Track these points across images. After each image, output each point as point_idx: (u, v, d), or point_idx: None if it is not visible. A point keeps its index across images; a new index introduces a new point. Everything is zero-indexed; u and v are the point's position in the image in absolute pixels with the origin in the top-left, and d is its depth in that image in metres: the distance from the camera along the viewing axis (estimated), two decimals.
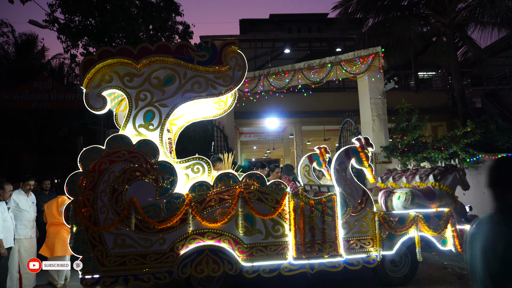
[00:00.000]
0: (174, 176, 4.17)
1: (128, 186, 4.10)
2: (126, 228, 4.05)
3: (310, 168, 6.40)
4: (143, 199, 4.11)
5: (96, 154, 4.13)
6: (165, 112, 4.34)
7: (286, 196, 4.34)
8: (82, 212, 4.01)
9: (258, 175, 4.35)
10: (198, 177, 4.31)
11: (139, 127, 4.30)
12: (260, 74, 9.27)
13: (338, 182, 4.54)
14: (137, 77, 4.35)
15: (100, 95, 4.26)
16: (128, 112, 4.30)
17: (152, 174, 4.14)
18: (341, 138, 10.37)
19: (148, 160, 4.16)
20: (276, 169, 5.84)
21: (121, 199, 4.07)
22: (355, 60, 8.51)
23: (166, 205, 4.12)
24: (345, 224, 4.46)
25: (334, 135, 19.07)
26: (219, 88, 4.45)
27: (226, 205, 4.22)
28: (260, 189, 4.31)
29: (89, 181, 4.07)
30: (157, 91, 4.36)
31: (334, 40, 17.34)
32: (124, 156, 4.15)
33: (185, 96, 4.38)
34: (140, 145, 4.18)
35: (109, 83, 4.30)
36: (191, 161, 4.33)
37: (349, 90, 17.19)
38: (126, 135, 4.19)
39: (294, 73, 8.83)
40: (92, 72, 4.24)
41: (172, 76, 4.40)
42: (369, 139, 4.76)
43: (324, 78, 8.72)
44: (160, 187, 4.14)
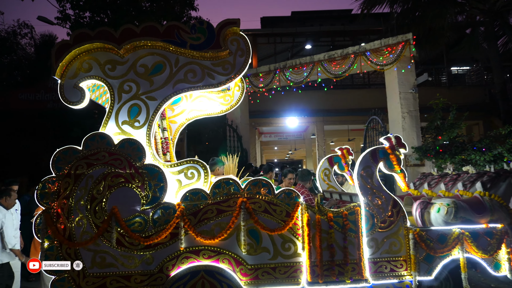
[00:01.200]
0: (163, 183, 3.48)
1: (109, 194, 3.45)
2: (106, 244, 3.40)
3: (330, 172, 5.57)
4: (126, 209, 3.44)
5: (72, 156, 3.50)
6: (153, 106, 3.66)
7: (298, 207, 3.56)
8: (55, 225, 3.39)
9: (264, 182, 3.60)
10: (192, 183, 3.61)
11: (123, 124, 3.64)
12: (275, 67, 8.51)
13: (362, 191, 3.72)
14: (120, 65, 3.70)
15: (78, 87, 3.64)
16: (110, 107, 3.65)
17: (137, 180, 3.47)
18: (366, 138, 9.45)
19: (133, 163, 3.49)
20: (289, 175, 5.05)
21: (101, 210, 3.43)
22: (382, 50, 7.59)
23: (153, 217, 3.44)
24: (371, 242, 3.63)
25: (359, 135, 18.04)
26: (218, 77, 3.73)
27: (226, 218, 3.49)
28: (267, 199, 3.56)
29: (63, 187, 3.45)
30: (144, 81, 3.69)
31: (358, 33, 16.28)
32: (104, 158, 3.50)
33: (177, 87, 3.69)
34: (123, 146, 3.52)
35: (87, 73, 3.66)
36: (184, 164, 3.63)
37: (375, 86, 16.13)
38: (106, 134, 3.55)
39: (313, 65, 8.01)
40: (67, 60, 3.62)
41: (162, 63, 3.71)
42: (401, 138, 3.91)
43: (347, 70, 7.84)
44: (147, 196, 3.46)
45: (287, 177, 5.09)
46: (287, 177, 5.09)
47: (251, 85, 9.08)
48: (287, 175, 5.11)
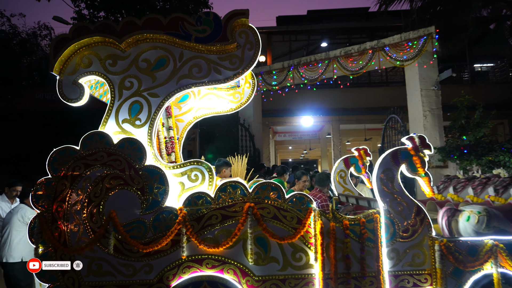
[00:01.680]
0: (164, 185, 3.23)
1: (106, 197, 3.22)
2: (103, 250, 3.18)
3: (346, 174, 5.23)
4: (125, 214, 3.21)
5: (69, 156, 3.30)
6: (156, 104, 3.42)
7: (311, 213, 3.25)
8: (50, 229, 3.19)
9: (273, 185, 3.31)
10: (196, 186, 3.35)
11: (123, 123, 3.41)
12: (289, 64, 8.19)
13: (382, 196, 3.38)
14: (121, 60, 3.47)
15: (77, 83, 3.43)
16: (110, 104, 3.43)
17: (137, 182, 3.24)
18: (384, 138, 9.03)
19: (132, 164, 3.26)
20: (303, 177, 4.72)
21: (98, 214, 3.20)
22: (402, 44, 7.17)
23: (153, 223, 3.20)
24: (392, 253, 3.29)
25: (376, 134, 17.52)
26: (225, 72, 3.46)
27: (231, 224, 3.22)
28: (276, 204, 3.27)
29: (59, 189, 3.24)
30: (146, 77, 3.45)
31: (376, 30, 15.73)
32: (102, 159, 3.28)
33: (181, 83, 3.44)
34: (123, 145, 3.29)
35: (87, 68, 3.45)
36: (188, 165, 3.37)
37: (393, 84, 15.59)
38: (105, 133, 3.33)
39: (328, 62, 7.66)
40: (66, 55, 3.41)
41: (165, 57, 3.47)
42: (426, 138, 3.55)
43: (364, 67, 7.46)
44: (147, 199, 3.22)
45: (301, 179, 4.77)
46: (301, 179, 4.77)
47: (264, 82, 8.79)
48: (300, 177, 4.79)
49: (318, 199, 4.06)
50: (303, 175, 4.78)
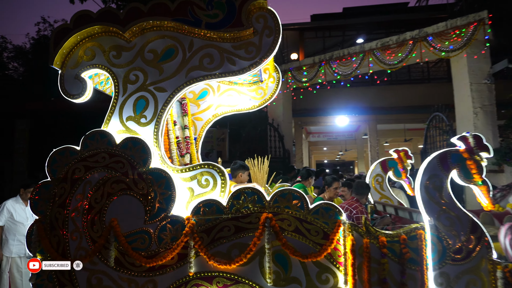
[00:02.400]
0: (171, 191, 2.85)
1: (108, 203, 2.90)
2: (104, 263, 2.85)
3: (383, 179, 4.62)
4: (127, 222, 2.87)
5: (69, 157, 3.01)
6: (163, 99, 3.05)
7: (340, 227, 2.74)
8: (48, 237, 2.91)
9: (295, 193, 2.82)
10: (206, 193, 2.94)
11: (127, 121, 3.07)
12: (321, 59, 7.61)
13: (428, 208, 2.79)
14: (126, 51, 3.14)
15: (79, 77, 3.14)
16: (114, 100, 3.10)
17: (141, 187, 2.88)
18: (427, 139, 8.20)
19: (136, 167, 2.91)
20: (335, 183, 4.15)
21: (99, 222, 2.89)
22: (448, 33, 6.38)
23: (158, 233, 2.83)
24: (440, 278, 2.70)
25: (417, 135, 16.41)
26: (240, 62, 3.02)
27: (246, 238, 2.78)
28: (298, 215, 2.78)
29: (58, 194, 2.96)
30: (153, 69, 3.10)
31: (417, 22, 14.60)
32: (104, 160, 2.96)
33: (191, 75, 3.05)
34: (126, 146, 2.95)
35: (90, 61, 3.15)
36: (197, 169, 2.97)
37: (436, 81, 14.46)
38: (108, 132, 3.00)
39: (363, 55, 7.01)
40: (67, 46, 3.13)
41: (173, 47, 3.10)
42: (482, 138, 2.92)
43: (404, 60, 6.73)
44: (151, 206, 2.85)
45: (332, 186, 4.20)
46: (332, 186, 4.20)
47: (293, 79, 8.28)
48: (331, 183, 4.22)
49: (353, 210, 3.51)
50: (334, 181, 4.21)
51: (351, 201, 3.82)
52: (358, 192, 3.96)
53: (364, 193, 3.94)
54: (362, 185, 4.02)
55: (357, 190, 3.97)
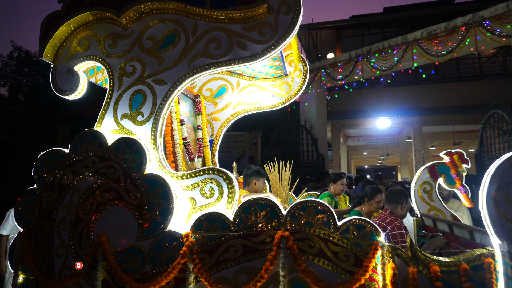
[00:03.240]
0: (168, 202, 2.38)
1: (98, 214, 2.48)
2: (91, 286, 2.43)
3: (432, 187, 3.87)
4: (118, 238, 2.43)
5: (57, 161, 2.64)
6: (162, 93, 2.60)
7: (376, 251, 2.12)
8: (32, 253, 2.54)
9: (319, 206, 2.24)
10: (210, 204, 2.44)
11: (122, 119, 2.65)
12: (357, 54, 6.91)
13: (498, 227, 2.09)
14: (122, 40, 2.74)
15: (72, 71, 2.78)
16: (108, 96, 2.70)
17: (134, 197, 2.43)
18: (482, 140, 7.19)
19: (129, 172, 2.47)
20: (377, 196, 3.39)
21: (87, 236, 2.47)
22: (509, 15, 5.44)
23: (153, 252, 2.36)
24: None
25: (468, 137, 14.97)
26: (252, 46, 2.51)
27: (256, 261, 2.24)
28: (323, 234, 2.20)
29: (44, 203, 2.59)
30: (152, 59, 2.66)
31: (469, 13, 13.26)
32: (94, 165, 2.55)
33: (195, 64, 2.57)
34: (118, 148, 2.52)
35: (84, 52, 2.79)
36: (201, 175, 2.47)
37: (490, 77, 13.09)
38: (99, 132, 2.60)
39: (406, 47, 6.23)
40: (59, 37, 2.79)
41: (175, 32, 2.65)
42: None
43: (455, 49, 5.87)
44: (145, 220, 2.40)
45: (373, 198, 3.45)
46: (373, 198, 3.45)
47: (327, 77, 7.62)
48: (373, 195, 3.46)
49: (387, 226, 2.80)
50: (376, 192, 3.43)
51: (384, 214, 3.05)
52: (391, 200, 3.14)
53: (399, 201, 3.10)
54: (394, 193, 3.20)
55: (390, 199, 3.16)
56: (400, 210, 2.92)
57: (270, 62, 3.62)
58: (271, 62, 3.63)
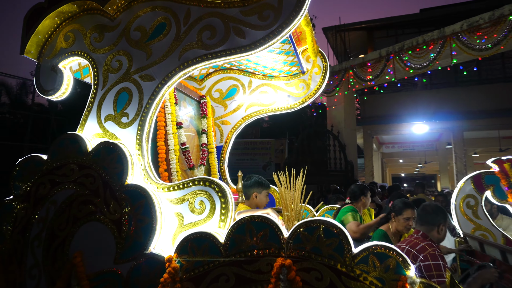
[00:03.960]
0: (150, 218, 2.01)
1: (74, 230, 2.15)
2: None
3: (478, 202, 3.25)
4: (94, 259, 2.09)
5: (34, 169, 2.35)
6: (149, 90, 2.25)
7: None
8: (4, 274, 2.25)
9: (330, 227, 1.77)
10: (200, 222, 2.04)
11: (106, 121, 2.33)
12: (388, 52, 6.31)
13: None
14: (109, 32, 2.43)
15: (56, 69, 2.51)
16: (92, 95, 2.40)
17: (113, 211, 2.09)
18: None
19: (109, 182, 2.13)
20: (407, 212, 2.65)
21: (61, 255, 2.15)
22: None
23: (131, 278, 1.99)
24: None
25: None
26: (251, 33, 2.11)
27: None
28: (334, 264, 1.73)
29: (19, 216, 2.31)
30: (139, 52, 2.33)
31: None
32: (72, 173, 2.24)
33: (186, 56, 2.21)
34: (98, 154, 2.20)
35: (69, 47, 2.51)
36: (190, 186, 2.08)
37: None
38: (80, 136, 2.29)
39: (443, 41, 5.57)
40: (43, 31, 2.54)
41: (165, 21, 2.30)
42: None
43: (501, 42, 5.14)
44: (125, 238, 2.04)
45: (401, 214, 2.86)
46: (401, 214, 2.86)
47: (356, 78, 7.06)
48: (401, 211, 2.83)
49: (419, 254, 2.15)
50: (405, 207, 2.82)
51: (415, 238, 2.37)
52: (425, 221, 2.37)
53: (435, 222, 2.34)
54: (429, 210, 2.41)
55: (424, 219, 2.39)
56: (437, 233, 2.30)
57: (283, 57, 3.21)
58: (284, 57, 3.21)
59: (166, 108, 2.65)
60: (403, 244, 2.32)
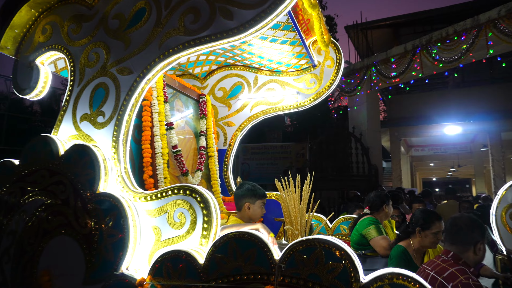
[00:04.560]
0: (123, 232, 1.71)
1: (43, 245, 1.90)
2: None
3: None
4: (62, 279, 1.82)
5: (5, 176, 2.13)
6: (127, 85, 1.97)
7: None
8: None
9: (333, 249, 1.39)
10: (179, 238, 1.72)
11: (82, 121, 2.07)
12: (414, 45, 5.80)
13: None
14: (87, 22, 2.18)
15: (33, 65, 2.29)
16: (67, 93, 2.15)
17: (84, 224, 1.81)
18: None
19: (80, 190, 1.86)
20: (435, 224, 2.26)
21: (30, 274, 1.90)
22: None
23: None
24: None
25: None
26: (239, 13, 1.79)
27: None
28: None
29: None
30: (117, 42, 2.06)
31: None
32: (43, 180, 1.99)
33: (167, 44, 1.91)
34: (70, 158, 1.93)
35: (47, 41, 2.28)
36: (169, 196, 1.77)
37: None
38: (52, 139, 2.04)
39: (478, 31, 5.01)
40: (20, 25, 2.33)
41: (145, 6, 2.02)
42: None
43: None
44: (95, 256, 1.75)
45: (429, 228, 2.31)
46: (429, 228, 2.31)
47: (379, 76, 6.55)
48: (430, 225, 2.30)
49: (447, 283, 1.63)
50: (435, 220, 2.32)
51: (442, 260, 1.86)
52: (458, 240, 1.87)
53: (471, 240, 1.85)
54: (461, 225, 1.90)
55: (456, 237, 1.88)
56: (473, 254, 1.83)
57: (288, 48, 2.86)
58: (290, 48, 2.86)
59: (153, 106, 2.37)
60: (428, 267, 1.88)
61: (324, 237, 1.42)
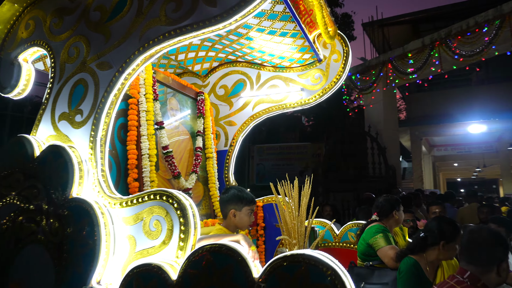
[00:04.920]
0: (93, 242, 1.55)
1: (15, 254, 1.77)
2: None
3: None
4: None
5: None
6: (106, 81, 1.82)
7: None
8: None
9: (319, 266, 1.18)
10: (154, 249, 1.54)
11: (60, 120, 1.93)
12: (432, 39, 5.46)
13: None
14: (68, 15, 2.06)
15: (15, 63, 2.18)
16: (48, 90, 2.02)
17: (55, 232, 1.67)
18: None
19: (53, 195, 1.71)
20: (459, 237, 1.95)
21: (1, 285, 1.77)
22: None
23: None
24: None
25: None
26: (223, 0, 1.60)
27: None
28: None
29: None
30: (97, 35, 1.92)
31: None
32: (18, 184, 1.86)
33: (147, 35, 1.75)
34: (44, 161, 1.80)
35: (29, 37, 2.17)
36: (146, 201, 1.60)
37: None
38: (28, 139, 1.91)
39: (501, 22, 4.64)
40: (3, 20, 2.24)
41: None
42: None
43: None
44: (65, 267, 1.60)
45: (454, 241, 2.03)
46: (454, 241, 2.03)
47: (395, 72, 6.22)
48: (455, 237, 2.02)
49: None
50: (458, 233, 2.03)
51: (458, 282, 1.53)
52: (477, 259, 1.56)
53: (493, 260, 1.54)
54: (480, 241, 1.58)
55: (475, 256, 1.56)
56: (496, 275, 1.50)
57: (289, 40, 2.65)
58: (291, 40, 2.65)
59: (141, 104, 2.21)
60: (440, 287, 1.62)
61: (310, 252, 1.21)
